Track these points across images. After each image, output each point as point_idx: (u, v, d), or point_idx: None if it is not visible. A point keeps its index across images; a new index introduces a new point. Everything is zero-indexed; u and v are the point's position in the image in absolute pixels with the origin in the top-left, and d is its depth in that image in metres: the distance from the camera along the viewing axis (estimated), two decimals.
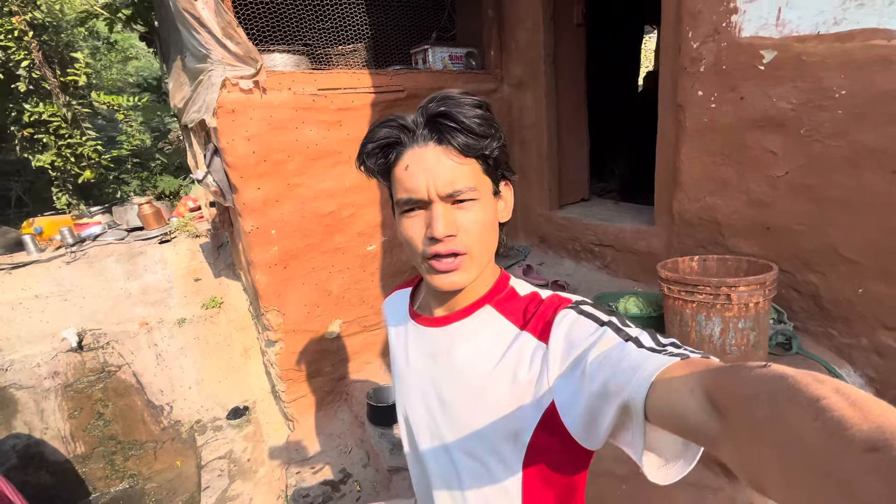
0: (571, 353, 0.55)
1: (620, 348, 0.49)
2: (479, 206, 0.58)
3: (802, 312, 1.56)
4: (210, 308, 2.99)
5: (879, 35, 1.20)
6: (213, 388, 3.06)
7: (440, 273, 0.60)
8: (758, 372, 0.31)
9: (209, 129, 2.03)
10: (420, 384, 0.70)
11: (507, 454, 0.61)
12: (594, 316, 0.56)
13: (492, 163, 0.59)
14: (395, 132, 0.59)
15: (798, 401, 0.27)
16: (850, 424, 0.23)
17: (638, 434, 0.44)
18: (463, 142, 0.56)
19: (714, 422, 0.34)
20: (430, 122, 0.57)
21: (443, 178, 0.56)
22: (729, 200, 1.66)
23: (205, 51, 1.82)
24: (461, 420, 0.64)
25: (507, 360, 0.61)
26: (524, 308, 0.63)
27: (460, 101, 0.57)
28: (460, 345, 0.65)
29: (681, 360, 0.43)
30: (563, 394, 0.54)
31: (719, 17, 1.53)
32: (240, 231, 2.14)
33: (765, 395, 0.29)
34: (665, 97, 1.83)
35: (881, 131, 1.25)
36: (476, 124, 0.56)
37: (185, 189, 3.86)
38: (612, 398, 0.46)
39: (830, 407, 0.25)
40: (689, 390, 0.37)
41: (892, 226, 1.28)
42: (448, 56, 2.41)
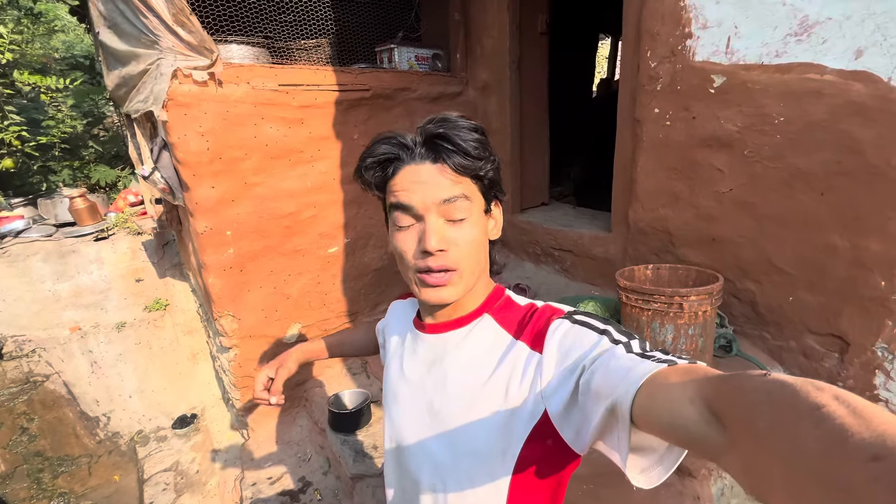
0: (565, 362, 0.56)
1: (611, 353, 0.51)
2: (469, 223, 0.60)
3: (741, 317, 1.71)
4: (154, 311, 2.79)
5: (814, 69, 1.33)
6: (156, 396, 2.86)
7: (429, 287, 0.61)
8: (758, 381, 0.31)
9: (157, 121, 1.89)
10: (411, 392, 0.70)
11: (496, 464, 0.61)
12: (590, 324, 0.58)
13: (486, 183, 0.62)
14: (394, 149, 0.61)
15: (799, 409, 0.27)
16: (852, 433, 0.23)
17: (623, 437, 0.44)
18: (459, 162, 0.58)
19: (716, 433, 0.34)
20: (429, 142, 0.59)
21: (438, 195, 0.58)
22: (680, 213, 1.77)
23: (153, 36, 1.69)
24: (451, 430, 0.64)
25: (501, 370, 0.61)
26: (521, 318, 0.65)
27: (458, 124, 0.59)
28: (455, 354, 0.66)
29: (668, 366, 0.44)
30: (556, 402, 0.55)
31: (675, 41, 1.62)
32: (190, 231, 2.00)
33: (765, 405, 0.29)
34: (624, 112, 1.92)
35: (812, 156, 1.39)
36: (472, 147, 0.58)
37: (125, 181, 3.55)
38: (600, 400, 0.47)
39: (831, 415, 0.25)
40: (689, 400, 0.37)
41: (819, 242, 1.43)
42: (414, 57, 2.38)
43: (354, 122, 2.21)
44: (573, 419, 0.54)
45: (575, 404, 0.53)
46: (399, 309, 0.82)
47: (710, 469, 1.33)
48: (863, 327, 1.39)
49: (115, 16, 1.80)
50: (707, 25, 1.53)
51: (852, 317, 1.41)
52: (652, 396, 0.41)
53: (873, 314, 1.37)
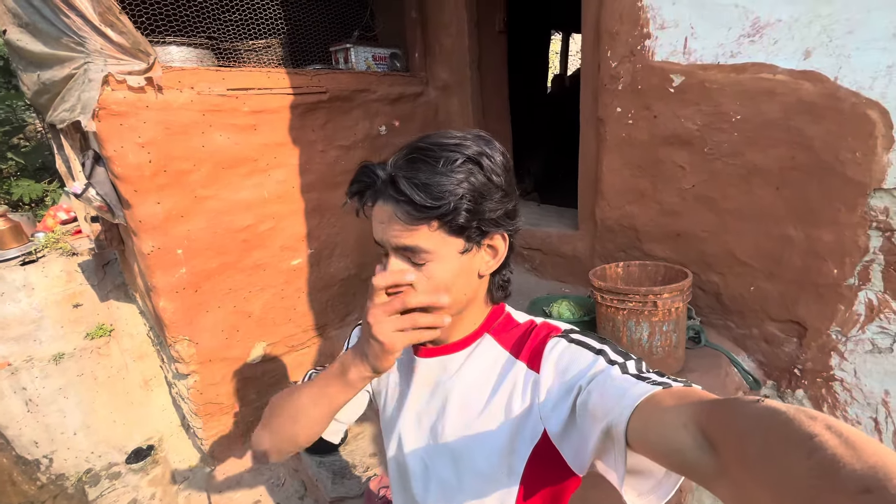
0: (562, 381, 0.56)
1: (606, 374, 0.51)
2: (433, 265, 0.57)
3: (707, 308, 1.77)
4: (97, 338, 2.54)
5: (766, 69, 1.38)
6: (105, 431, 2.62)
7: None
8: (751, 407, 0.31)
9: (87, 133, 1.70)
10: (415, 416, 0.69)
11: (502, 484, 0.61)
12: (586, 344, 0.58)
13: (455, 226, 0.56)
14: (364, 183, 0.59)
15: (791, 439, 0.27)
16: (844, 464, 0.23)
17: (620, 459, 0.44)
18: (406, 211, 0.55)
19: (708, 458, 0.34)
20: (384, 186, 0.57)
21: (394, 239, 0.57)
22: (645, 209, 1.81)
23: (77, 38, 1.51)
24: (457, 452, 0.63)
25: (501, 390, 0.61)
26: (520, 336, 0.65)
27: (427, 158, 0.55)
28: (457, 377, 0.65)
29: (663, 388, 0.44)
30: (555, 422, 0.55)
31: (634, 40, 1.64)
32: (135, 252, 1.83)
33: (758, 432, 0.29)
34: (587, 111, 1.94)
35: (767, 153, 1.45)
36: (425, 195, 0.53)
37: (53, 196, 3.20)
38: (596, 422, 0.48)
39: (823, 445, 0.25)
40: (683, 425, 0.37)
41: (776, 233, 1.50)
42: (372, 56, 2.29)
43: (312, 127, 2.10)
44: (572, 439, 0.54)
45: (573, 424, 0.53)
46: None
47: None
48: (818, 313, 1.48)
49: (29, 13, 1.60)
50: (665, 26, 1.56)
51: (808, 303, 1.49)
52: (646, 420, 0.41)
53: (827, 300, 1.45)
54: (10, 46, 1.87)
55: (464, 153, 0.55)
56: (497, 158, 0.58)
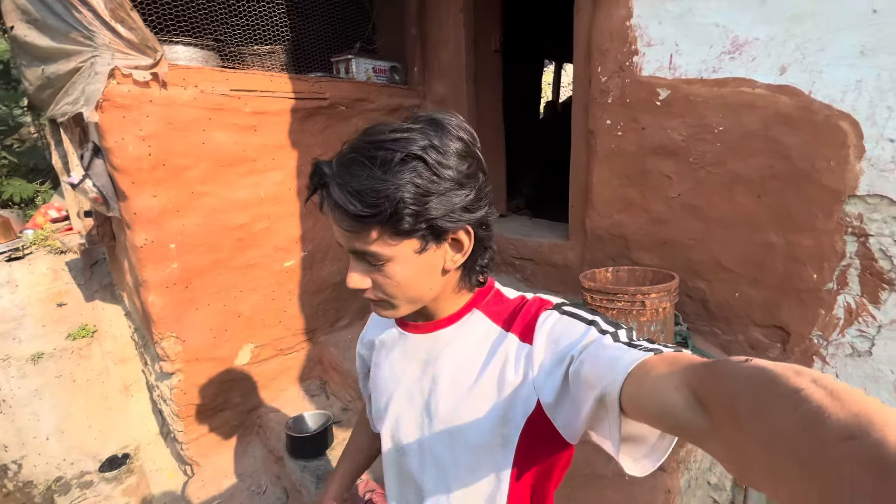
0: (554, 352, 0.56)
1: (598, 342, 0.51)
2: (390, 266, 0.55)
3: (694, 315, 1.80)
4: (78, 338, 2.48)
5: (746, 84, 1.47)
6: (79, 437, 2.52)
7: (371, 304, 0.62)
8: (740, 367, 0.32)
9: (88, 124, 1.72)
10: (407, 394, 0.68)
11: (497, 457, 0.61)
12: (578, 315, 0.59)
13: (398, 228, 0.52)
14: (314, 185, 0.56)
15: (778, 393, 0.27)
16: (828, 414, 0.24)
17: (614, 426, 0.45)
18: (342, 220, 0.53)
19: (700, 418, 0.35)
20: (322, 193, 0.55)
21: (344, 240, 0.56)
22: (634, 218, 1.87)
23: (87, 32, 1.55)
24: (450, 427, 0.63)
25: (493, 364, 0.61)
26: (511, 310, 0.65)
27: (363, 159, 0.51)
28: (447, 351, 0.65)
29: (655, 354, 0.45)
30: (548, 393, 0.56)
31: (623, 57, 1.74)
32: (127, 245, 1.82)
33: (747, 390, 0.30)
34: (578, 124, 2.02)
35: (749, 162, 1.52)
36: (358, 203, 0.50)
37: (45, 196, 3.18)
38: (589, 390, 0.48)
39: (809, 398, 0.25)
40: (675, 388, 0.38)
41: (759, 240, 1.56)
42: (372, 68, 2.37)
43: (311, 132, 2.15)
44: (564, 408, 0.54)
45: (566, 394, 0.54)
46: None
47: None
48: (800, 317, 1.52)
49: (39, 9, 1.65)
50: (651, 43, 1.66)
51: (791, 308, 1.53)
52: (639, 385, 0.42)
53: (808, 305, 1.49)
54: (17, 42, 1.91)
55: (405, 149, 0.51)
56: (451, 147, 0.53)
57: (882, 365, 1.40)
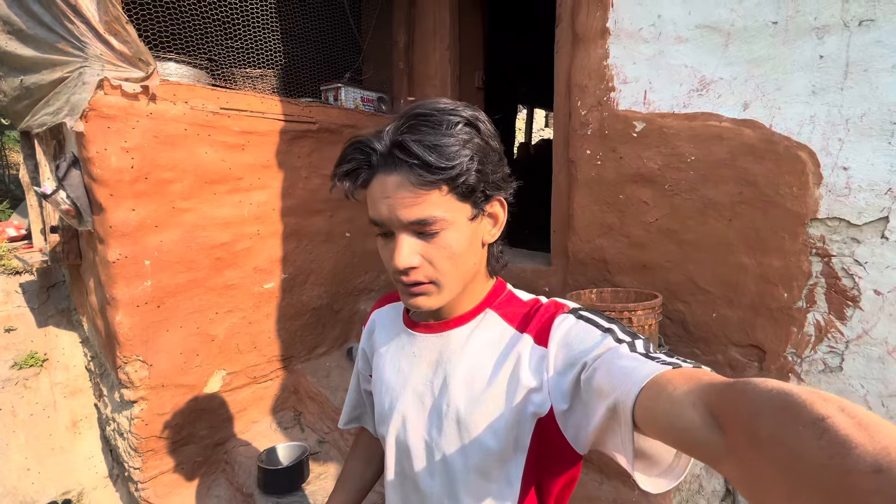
0: (568, 357, 0.55)
1: (614, 352, 0.50)
2: (446, 234, 0.56)
3: (674, 337, 1.85)
4: (26, 367, 2.27)
5: (713, 118, 1.61)
6: (14, 480, 2.25)
7: (410, 295, 0.59)
8: (762, 388, 0.31)
9: (67, 135, 1.67)
10: (416, 395, 0.65)
11: (508, 461, 0.59)
12: (595, 322, 0.57)
13: (468, 186, 0.55)
14: (360, 157, 0.56)
15: (802, 419, 0.26)
16: (856, 444, 0.23)
17: (627, 439, 0.44)
18: (419, 175, 0.52)
19: (717, 438, 0.34)
20: (389, 152, 0.54)
21: (404, 210, 0.54)
22: (614, 242, 1.94)
23: (78, 43, 1.54)
24: (462, 429, 0.61)
25: (507, 365, 0.60)
26: (525, 312, 0.64)
27: (429, 121, 0.54)
28: (461, 353, 0.63)
29: (673, 368, 0.43)
30: (559, 398, 0.54)
31: (601, 93, 1.87)
32: (97, 261, 1.72)
33: (768, 413, 0.29)
34: (559, 153, 2.12)
35: (719, 189, 1.64)
36: (436, 157, 0.52)
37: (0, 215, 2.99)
38: (602, 398, 0.47)
39: (835, 426, 0.25)
40: (692, 404, 0.37)
41: (732, 262, 1.65)
42: (360, 97, 2.44)
43: (298, 154, 2.16)
44: (575, 416, 0.53)
45: (577, 401, 0.52)
46: (384, 315, 0.78)
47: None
48: (774, 336, 1.59)
49: (24, 19, 1.63)
50: (627, 81, 1.80)
51: (765, 327, 1.61)
52: (654, 399, 0.41)
53: (781, 323, 1.57)
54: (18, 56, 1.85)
55: (462, 115, 0.55)
56: (489, 123, 0.58)
57: (853, 380, 1.47)
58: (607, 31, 1.81)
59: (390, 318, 0.75)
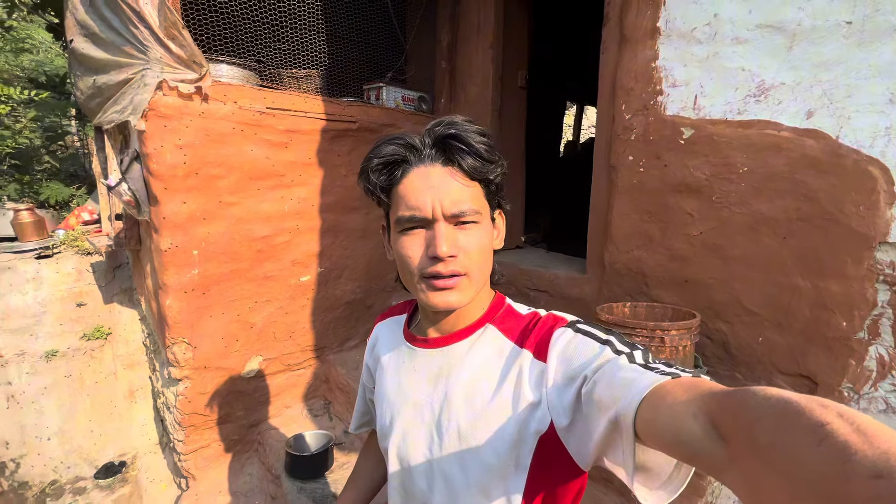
0: (567, 371, 0.55)
1: (614, 364, 0.50)
2: (479, 229, 0.59)
3: (714, 357, 1.74)
4: (93, 339, 2.51)
5: (771, 126, 1.48)
6: (80, 439, 2.51)
7: (437, 291, 0.58)
8: (761, 396, 0.31)
9: (130, 132, 1.81)
10: (416, 410, 0.66)
11: (509, 478, 0.59)
12: (592, 334, 0.57)
13: (493, 188, 0.61)
14: (401, 150, 0.59)
15: (802, 426, 0.26)
16: (855, 450, 0.23)
17: (628, 452, 0.43)
18: (471, 164, 0.57)
19: (718, 448, 0.34)
20: (440, 142, 0.58)
21: (449, 198, 0.57)
22: (653, 254, 1.84)
23: (141, 47, 1.66)
24: (463, 447, 0.61)
25: (508, 380, 0.60)
26: (524, 326, 0.63)
27: (466, 126, 0.58)
28: (461, 367, 0.63)
29: (672, 378, 0.43)
30: (559, 413, 0.54)
31: (648, 96, 1.77)
32: (152, 249, 1.87)
33: (768, 420, 0.29)
34: (600, 158, 2.04)
35: (774, 203, 1.51)
36: (483, 149, 0.57)
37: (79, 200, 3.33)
38: (602, 411, 0.46)
39: (835, 432, 0.25)
40: (692, 415, 0.36)
41: (784, 283, 1.51)
42: (401, 97, 2.47)
43: (338, 152, 2.22)
44: (577, 430, 0.52)
45: (579, 415, 0.52)
46: (385, 328, 0.79)
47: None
48: (829, 367, 1.45)
49: (97, 24, 1.78)
50: (676, 84, 1.69)
51: (818, 357, 1.47)
52: (655, 410, 0.40)
53: (837, 354, 1.43)
54: (74, 54, 2.05)
55: (479, 126, 0.59)
56: None
57: None
58: (657, 30, 1.71)
59: (392, 332, 0.75)
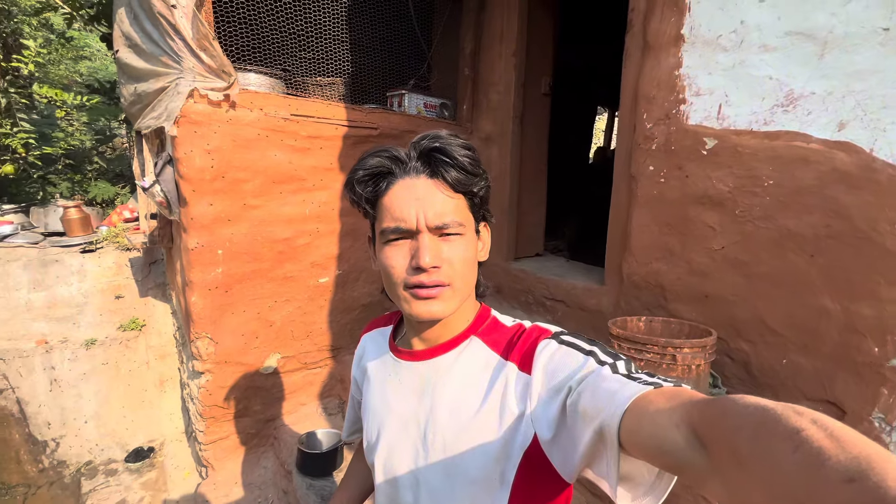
0: (551, 383, 0.54)
1: (597, 374, 0.50)
2: (463, 241, 0.60)
3: (734, 378, 1.66)
4: (128, 330, 2.67)
5: (800, 138, 1.41)
6: (114, 424, 2.67)
7: (420, 300, 0.59)
8: (741, 405, 0.31)
9: (166, 137, 1.92)
10: (402, 423, 0.66)
11: (494, 491, 0.59)
12: (576, 345, 0.57)
13: (478, 201, 0.62)
14: (387, 162, 0.60)
15: (778, 433, 0.27)
16: (829, 456, 0.24)
17: (612, 462, 0.43)
18: (455, 177, 0.58)
19: (700, 457, 0.34)
20: (425, 155, 0.59)
21: (433, 210, 0.57)
22: (673, 267, 1.78)
23: (175, 57, 1.76)
24: (448, 459, 0.61)
25: (493, 394, 0.60)
26: (509, 338, 0.63)
27: (451, 140, 0.59)
28: (445, 380, 0.63)
29: (654, 388, 0.43)
30: (544, 425, 0.54)
31: (670, 105, 1.72)
32: (181, 247, 1.97)
33: (748, 430, 0.29)
34: (620, 168, 1.99)
35: (801, 219, 1.43)
36: (467, 162, 0.58)
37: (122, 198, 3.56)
38: (587, 422, 0.47)
39: (809, 439, 0.25)
40: (675, 424, 0.37)
41: (811, 304, 1.43)
42: (423, 104, 2.50)
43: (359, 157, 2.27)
44: (562, 443, 0.52)
45: (563, 427, 0.52)
46: (371, 341, 0.79)
47: None
48: (858, 395, 1.36)
49: (139, 36, 1.90)
50: (700, 93, 1.64)
51: (847, 383, 1.38)
52: (638, 420, 0.41)
53: (868, 381, 1.34)
54: (119, 63, 2.20)
55: (464, 140, 0.60)
56: None
57: None
58: (681, 37, 1.66)
59: (377, 344, 0.76)
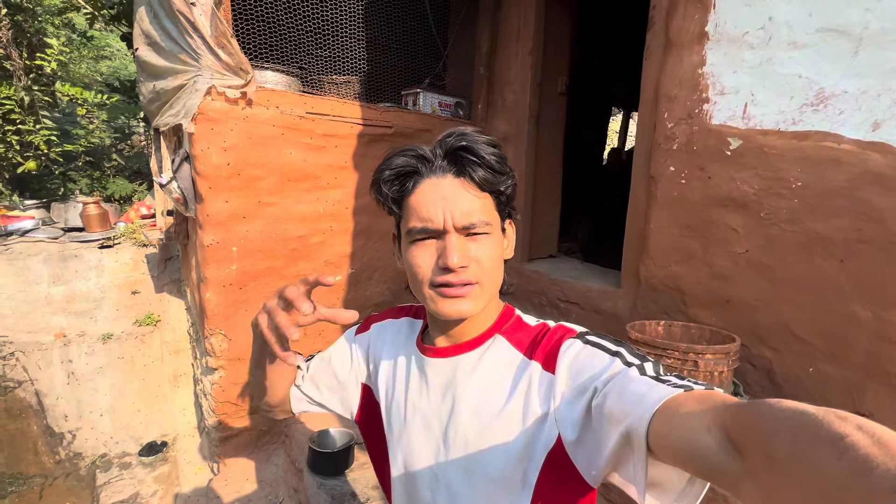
0: (576, 383, 0.53)
1: (624, 375, 0.49)
2: (490, 240, 0.59)
3: (756, 386, 1.61)
4: (144, 325, 2.70)
5: (830, 138, 1.35)
6: (128, 418, 2.70)
7: (448, 299, 0.58)
8: (777, 409, 0.30)
9: (183, 134, 1.94)
10: (423, 420, 0.65)
11: (515, 492, 0.57)
12: (602, 346, 0.56)
13: (504, 199, 0.61)
14: (413, 161, 0.59)
15: (821, 438, 0.26)
16: (877, 463, 0.23)
17: (640, 467, 0.42)
18: (482, 176, 0.57)
19: (734, 462, 0.33)
20: (451, 154, 0.58)
21: (460, 210, 0.56)
22: (693, 271, 1.74)
23: (194, 55, 1.77)
24: (469, 457, 0.60)
25: (518, 394, 0.59)
26: (533, 337, 0.62)
27: (477, 138, 0.58)
28: (469, 378, 0.62)
29: (685, 391, 0.42)
30: (568, 427, 0.53)
31: (693, 104, 1.68)
32: (196, 244, 1.99)
33: (786, 433, 0.28)
34: (639, 168, 1.95)
35: (830, 222, 1.38)
36: (494, 161, 0.57)
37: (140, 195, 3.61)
38: (613, 425, 0.45)
39: (855, 445, 0.24)
40: (706, 428, 0.36)
41: (840, 310, 1.38)
42: (438, 103, 2.49)
43: (374, 156, 2.26)
44: (586, 445, 0.51)
45: (587, 429, 0.51)
46: (392, 330, 0.75)
47: None
48: (891, 407, 1.30)
49: (158, 33, 1.92)
50: (724, 92, 1.59)
51: (878, 395, 1.32)
52: (668, 423, 0.40)
53: None
54: (138, 61, 2.22)
55: (490, 138, 0.59)
56: None
57: None
58: (705, 35, 1.62)
59: (401, 333, 0.74)
